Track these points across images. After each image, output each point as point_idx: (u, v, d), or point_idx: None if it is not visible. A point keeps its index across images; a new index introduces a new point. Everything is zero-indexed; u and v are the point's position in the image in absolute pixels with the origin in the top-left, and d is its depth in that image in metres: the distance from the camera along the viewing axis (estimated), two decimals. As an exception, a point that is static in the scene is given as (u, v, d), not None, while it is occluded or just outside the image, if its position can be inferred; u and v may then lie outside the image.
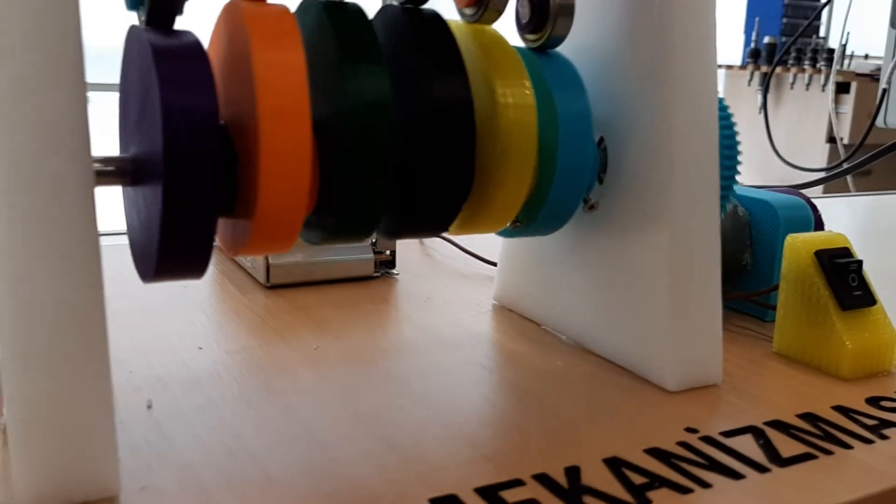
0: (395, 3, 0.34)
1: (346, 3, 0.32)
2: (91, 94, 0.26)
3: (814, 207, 0.48)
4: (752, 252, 0.46)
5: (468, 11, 0.35)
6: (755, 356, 0.40)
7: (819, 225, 0.47)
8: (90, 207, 0.26)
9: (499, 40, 0.35)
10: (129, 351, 0.37)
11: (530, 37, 0.37)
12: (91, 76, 0.26)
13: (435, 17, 0.34)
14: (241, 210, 0.30)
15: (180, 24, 0.28)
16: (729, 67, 2.85)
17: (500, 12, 0.35)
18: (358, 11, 0.32)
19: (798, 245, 0.40)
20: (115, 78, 0.31)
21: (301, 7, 0.32)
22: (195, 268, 0.29)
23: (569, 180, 0.36)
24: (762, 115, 2.25)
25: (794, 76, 2.67)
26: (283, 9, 0.30)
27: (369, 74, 0.30)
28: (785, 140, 2.49)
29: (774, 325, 0.41)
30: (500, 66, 0.34)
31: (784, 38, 2.74)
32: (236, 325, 0.41)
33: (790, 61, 2.67)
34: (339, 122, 0.30)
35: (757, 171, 2.55)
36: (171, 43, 0.27)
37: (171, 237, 0.27)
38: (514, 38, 0.37)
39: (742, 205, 0.47)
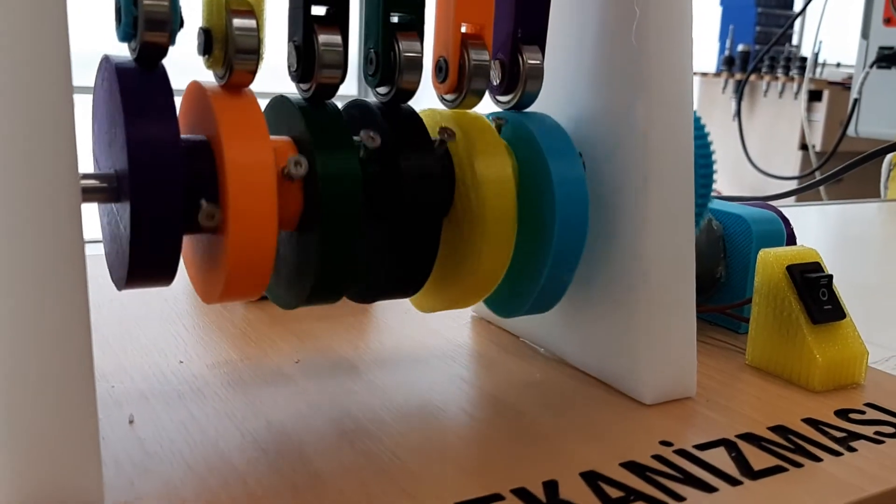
0: (374, 102, 0.34)
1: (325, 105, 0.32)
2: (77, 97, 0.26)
3: (786, 221, 0.49)
4: (725, 265, 0.47)
5: (449, 97, 0.36)
6: (729, 368, 0.41)
7: (791, 238, 0.48)
8: (76, 223, 0.26)
9: (482, 125, 0.35)
10: (110, 364, 0.37)
11: (501, 99, 0.38)
12: (77, 79, 0.26)
13: (411, 114, 0.34)
14: (214, 263, 0.30)
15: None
16: (703, 75, 2.88)
17: (480, 96, 0.36)
18: (334, 110, 0.32)
19: (770, 260, 0.41)
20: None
21: (274, 102, 0.33)
22: (164, 278, 0.30)
23: (566, 254, 0.36)
24: (736, 123, 2.28)
25: (768, 84, 2.71)
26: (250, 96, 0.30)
27: (341, 163, 0.31)
28: (758, 147, 2.53)
29: (747, 337, 0.42)
30: (478, 145, 0.34)
31: (758, 46, 2.78)
32: (217, 338, 0.42)
33: (764, 69, 2.71)
34: (312, 194, 0.30)
35: (730, 179, 2.58)
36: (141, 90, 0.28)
37: (141, 255, 0.28)
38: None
39: (716, 219, 0.48)
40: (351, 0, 0.32)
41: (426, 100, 0.37)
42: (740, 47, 2.77)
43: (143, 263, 0.28)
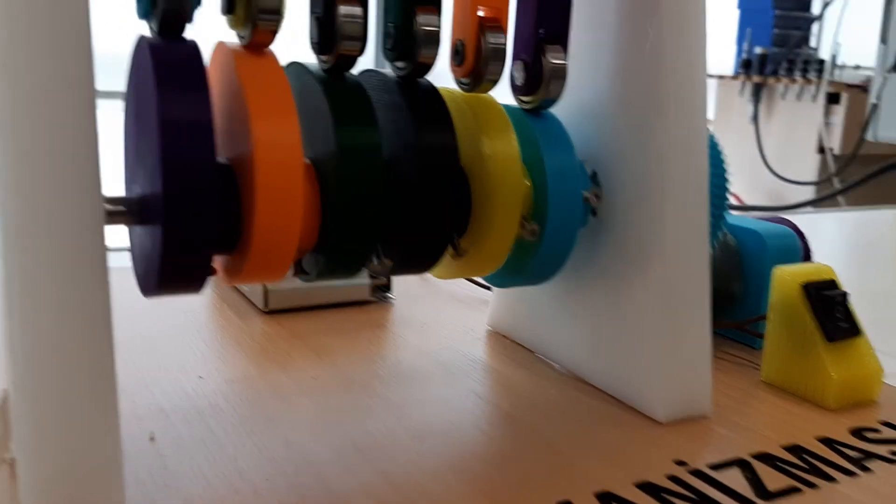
0: (390, 73, 0.35)
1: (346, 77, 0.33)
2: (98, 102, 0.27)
3: (801, 235, 0.49)
4: (741, 281, 0.47)
5: (465, 81, 0.36)
6: (744, 385, 0.41)
7: (806, 252, 0.48)
8: (100, 247, 0.27)
9: (489, 103, 0.36)
10: (131, 379, 0.38)
11: (525, 99, 0.38)
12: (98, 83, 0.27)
13: (430, 89, 0.35)
14: (240, 242, 0.30)
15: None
16: (720, 78, 2.86)
17: (494, 82, 0.36)
18: (355, 84, 0.33)
19: (786, 277, 0.41)
20: (120, 85, 0.32)
21: (290, 68, 0.33)
22: (193, 288, 0.30)
23: (558, 233, 0.36)
24: (753, 126, 2.27)
25: (786, 87, 2.69)
26: (275, 64, 0.31)
27: (359, 128, 0.31)
28: (775, 150, 2.51)
29: (763, 354, 0.42)
30: (487, 123, 0.35)
31: (775, 49, 2.76)
32: (235, 353, 0.42)
33: (781, 72, 2.69)
34: (332, 170, 0.31)
35: (747, 182, 2.56)
36: (176, 80, 0.28)
37: (171, 265, 0.28)
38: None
39: (732, 234, 0.48)
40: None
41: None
42: (758, 50, 2.75)
43: (174, 273, 0.29)
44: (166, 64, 0.28)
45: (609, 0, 0.38)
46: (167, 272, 0.28)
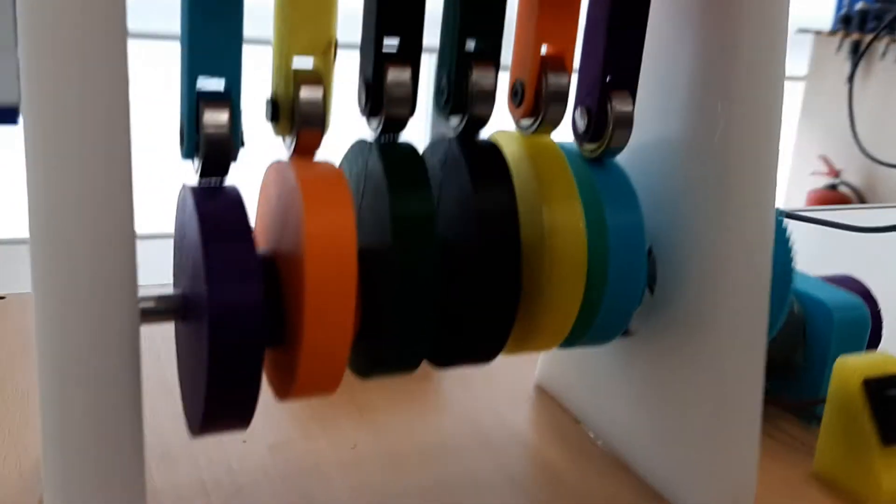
0: (450, 135, 0.34)
1: (399, 144, 0.32)
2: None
3: (872, 301, 0.47)
4: (804, 351, 0.45)
5: (525, 123, 0.35)
6: (794, 478, 0.40)
7: (876, 325, 0.46)
8: (134, 347, 0.27)
9: (553, 159, 0.34)
10: (178, 444, 0.38)
11: (588, 146, 0.36)
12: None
13: (490, 148, 0.33)
14: (289, 353, 0.30)
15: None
16: (817, 33, 2.72)
17: (555, 125, 0.34)
18: (409, 148, 0.32)
19: (847, 370, 0.39)
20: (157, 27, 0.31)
21: (355, 145, 0.33)
22: (242, 419, 0.30)
23: (619, 298, 0.35)
24: (847, 87, 2.15)
25: (887, 46, 2.54)
26: (333, 169, 0.30)
27: (416, 212, 0.30)
28: (870, 114, 2.39)
29: (817, 444, 0.40)
30: (550, 187, 0.33)
31: (878, 4, 2.60)
32: (280, 410, 0.43)
33: (883, 29, 2.54)
34: (387, 255, 0.30)
35: (838, 148, 2.46)
36: (220, 226, 0.28)
37: (218, 385, 0.28)
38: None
39: (798, 300, 0.46)
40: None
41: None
42: (859, 5, 2.60)
43: (223, 388, 0.28)
44: (209, 213, 0.27)
45: (682, 56, 0.35)
46: (215, 386, 0.28)
